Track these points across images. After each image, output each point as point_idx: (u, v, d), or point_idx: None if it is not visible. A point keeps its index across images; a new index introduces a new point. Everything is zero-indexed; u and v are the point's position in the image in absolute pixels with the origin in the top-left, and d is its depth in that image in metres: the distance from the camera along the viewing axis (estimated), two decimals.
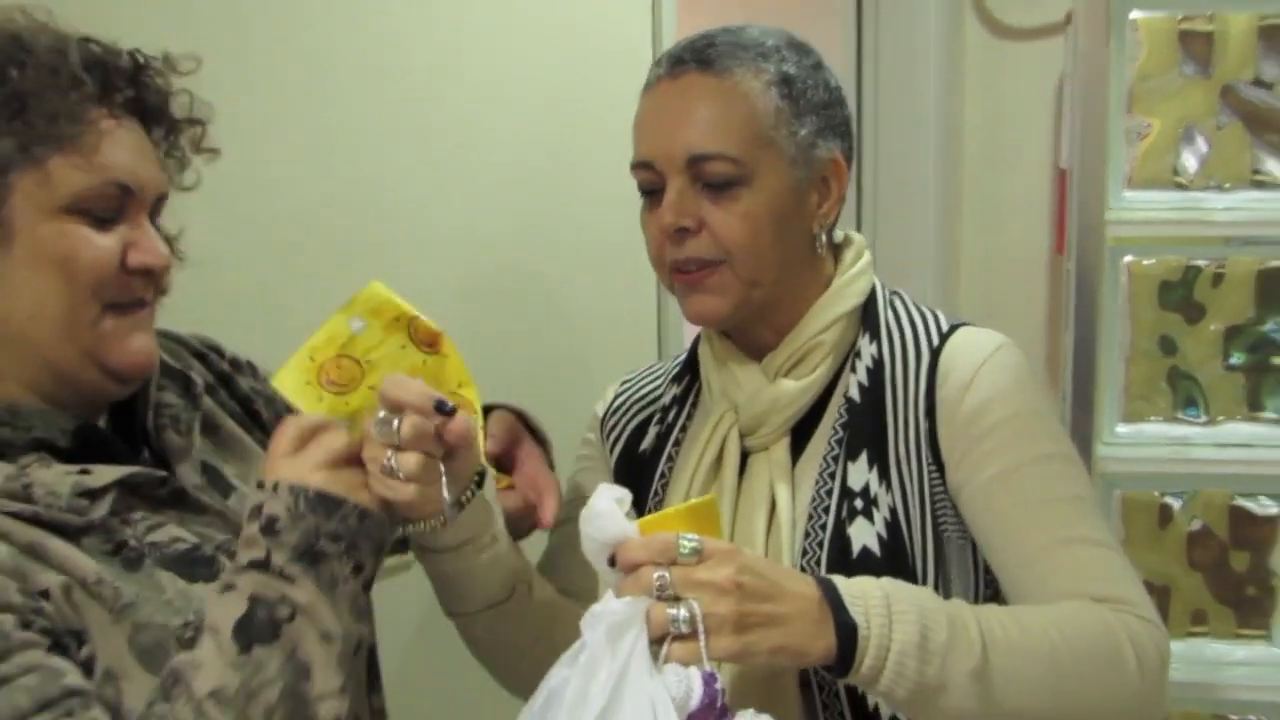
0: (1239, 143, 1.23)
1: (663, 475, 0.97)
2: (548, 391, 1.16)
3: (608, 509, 0.80)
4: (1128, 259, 1.26)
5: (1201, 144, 1.26)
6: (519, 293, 1.41)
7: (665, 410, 1.00)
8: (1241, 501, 1.28)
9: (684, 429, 0.98)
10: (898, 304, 0.90)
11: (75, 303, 0.75)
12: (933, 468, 0.84)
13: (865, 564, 0.87)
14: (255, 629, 0.75)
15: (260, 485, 0.79)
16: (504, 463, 0.99)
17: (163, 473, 0.79)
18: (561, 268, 1.43)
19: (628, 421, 1.02)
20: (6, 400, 0.75)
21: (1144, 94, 1.26)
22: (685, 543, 0.72)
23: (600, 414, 1.05)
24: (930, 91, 1.67)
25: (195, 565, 0.77)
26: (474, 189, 1.33)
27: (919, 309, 0.90)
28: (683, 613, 0.69)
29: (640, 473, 0.97)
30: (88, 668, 0.69)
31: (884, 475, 0.88)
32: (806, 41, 0.93)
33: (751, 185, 0.87)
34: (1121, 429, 1.25)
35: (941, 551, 0.90)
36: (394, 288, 1.15)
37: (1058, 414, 1.07)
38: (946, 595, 0.91)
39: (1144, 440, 1.25)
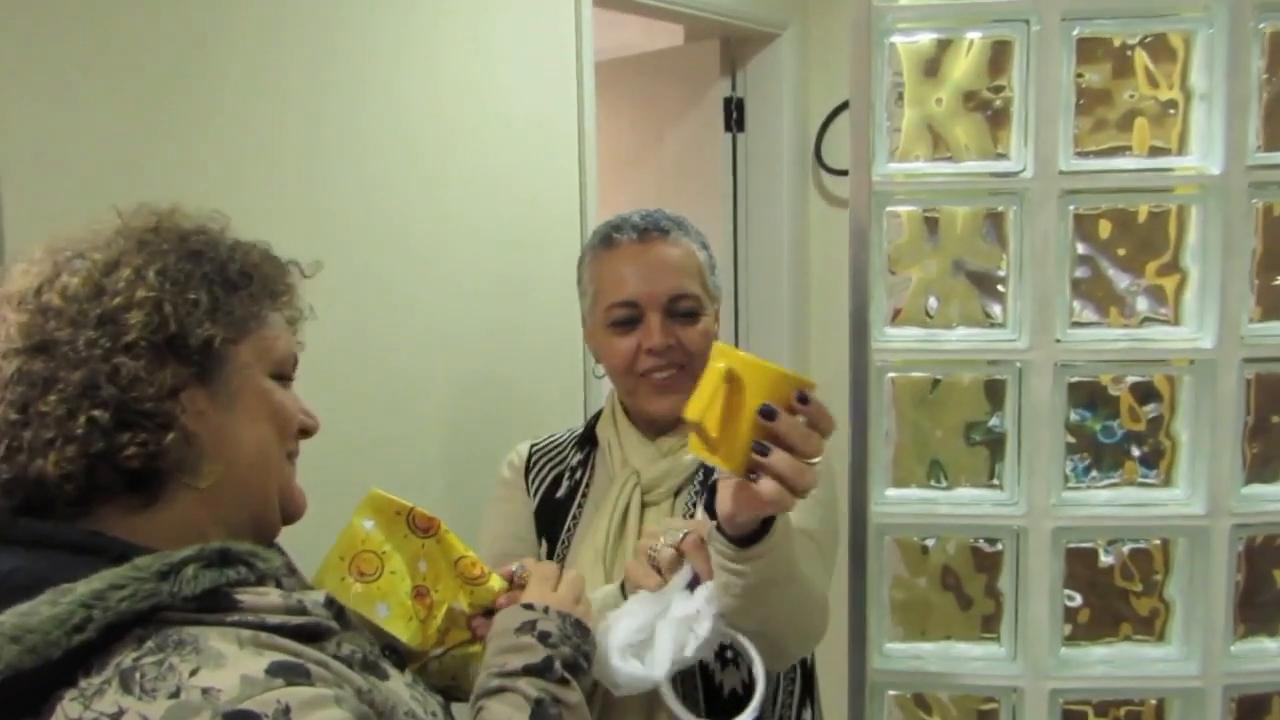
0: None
1: (574, 517, 1.38)
2: (496, 446, 1.51)
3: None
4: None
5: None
6: (484, 375, 1.85)
7: (573, 470, 1.42)
8: (977, 543, 1.56)
9: (588, 484, 1.40)
10: None
11: (280, 451, 0.82)
12: None
13: None
14: None
15: (529, 607, 0.89)
16: None
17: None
18: (514, 360, 1.88)
19: (546, 474, 1.44)
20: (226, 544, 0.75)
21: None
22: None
23: (522, 464, 1.45)
24: (785, 238, 2.20)
25: (373, 669, 0.81)
26: (453, 305, 1.76)
27: None
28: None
29: (556, 513, 1.38)
30: None
31: None
32: None
33: (704, 313, 1.33)
34: (890, 493, 1.54)
35: None
36: (391, 375, 1.47)
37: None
38: None
39: (905, 501, 1.54)
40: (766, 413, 0.91)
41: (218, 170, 1.47)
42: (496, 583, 0.98)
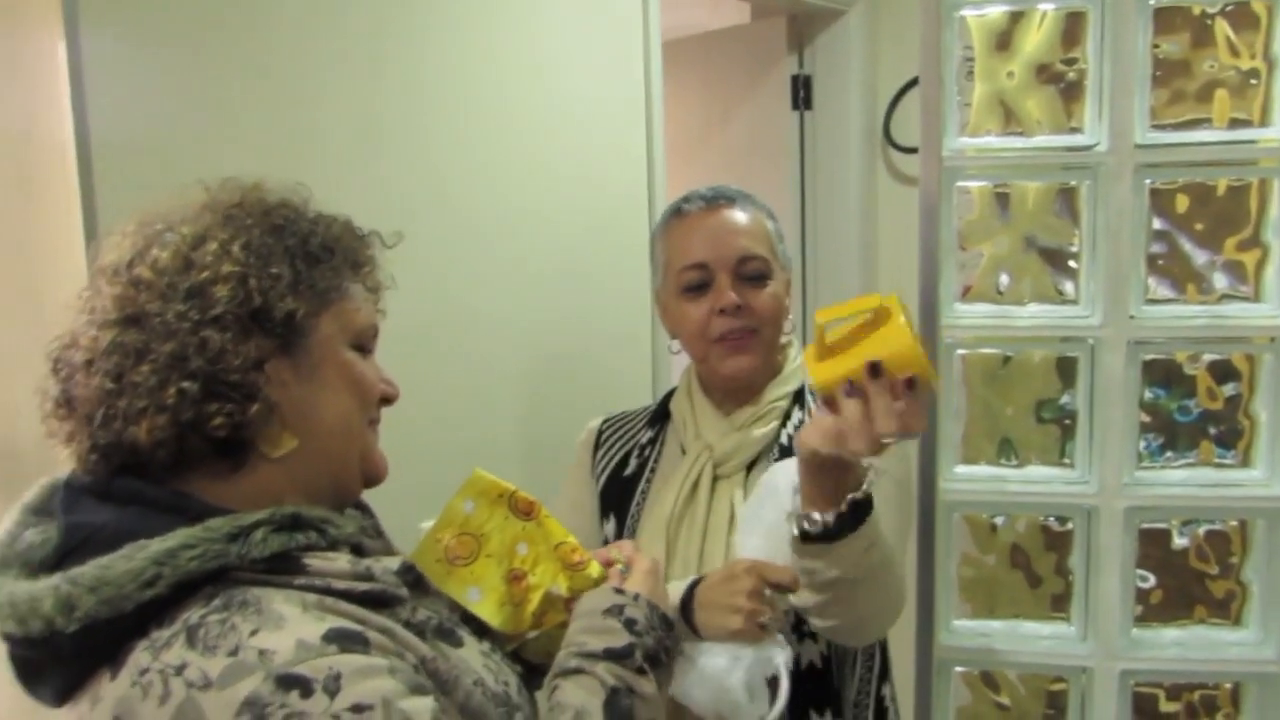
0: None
1: (643, 493, 1.40)
2: (569, 427, 1.53)
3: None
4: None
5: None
6: (549, 360, 1.85)
7: (643, 447, 1.43)
8: (1047, 521, 1.55)
9: (657, 460, 1.42)
10: None
11: (361, 419, 0.84)
12: None
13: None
14: (617, 713, 0.83)
15: (620, 591, 0.89)
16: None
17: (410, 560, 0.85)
18: (584, 343, 1.87)
19: (615, 451, 1.45)
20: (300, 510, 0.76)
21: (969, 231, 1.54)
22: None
23: (591, 441, 1.47)
24: (854, 216, 2.18)
25: (448, 635, 0.82)
26: (521, 288, 1.78)
27: None
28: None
29: (624, 490, 1.40)
30: None
31: None
32: None
33: (772, 278, 1.34)
34: (959, 469, 1.54)
35: None
36: (460, 359, 1.46)
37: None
38: None
39: (975, 478, 1.53)
40: (873, 367, 0.93)
41: (274, 156, 1.46)
42: (596, 570, 0.98)
